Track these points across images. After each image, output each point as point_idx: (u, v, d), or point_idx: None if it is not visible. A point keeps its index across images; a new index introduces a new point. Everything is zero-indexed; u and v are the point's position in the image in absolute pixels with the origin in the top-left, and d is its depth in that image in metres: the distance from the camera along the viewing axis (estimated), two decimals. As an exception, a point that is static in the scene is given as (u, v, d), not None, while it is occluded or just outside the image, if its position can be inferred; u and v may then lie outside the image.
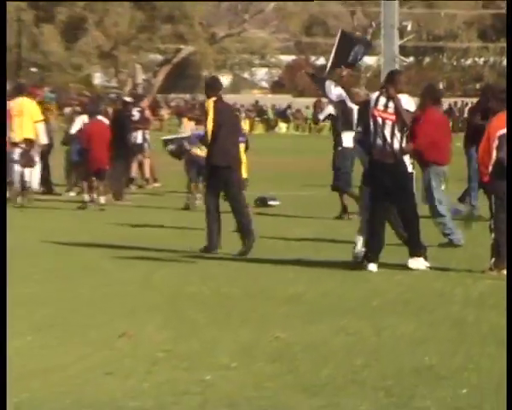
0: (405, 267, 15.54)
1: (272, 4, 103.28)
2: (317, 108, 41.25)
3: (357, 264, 15.78)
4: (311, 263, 15.98)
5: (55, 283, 14.12)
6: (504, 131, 14.82)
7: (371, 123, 15.02)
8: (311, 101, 65.90)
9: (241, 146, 24.67)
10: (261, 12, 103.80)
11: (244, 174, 23.54)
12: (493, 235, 15.24)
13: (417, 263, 15.28)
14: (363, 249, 16.02)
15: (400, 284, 14.36)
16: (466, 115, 25.21)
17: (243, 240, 17.63)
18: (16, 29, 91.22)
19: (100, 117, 31.06)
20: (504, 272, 14.76)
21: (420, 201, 18.99)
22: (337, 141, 24.77)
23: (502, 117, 15.22)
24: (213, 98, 18.62)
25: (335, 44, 23.34)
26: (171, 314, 11.73)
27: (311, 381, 8.60)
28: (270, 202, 25.17)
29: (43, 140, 28.00)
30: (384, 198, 15.38)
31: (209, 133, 18.15)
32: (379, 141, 14.91)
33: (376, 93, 15.47)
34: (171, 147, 30.69)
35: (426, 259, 15.76)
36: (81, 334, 10.48)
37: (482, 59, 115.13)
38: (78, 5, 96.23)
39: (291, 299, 12.85)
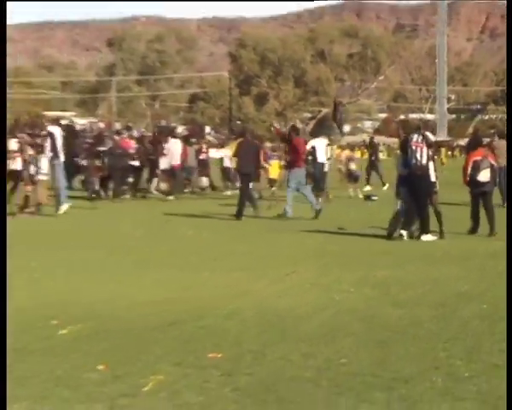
0: (451, 235, 15.01)
1: (375, 84, 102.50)
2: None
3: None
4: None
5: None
6: (477, 158, 15.40)
7: (409, 150, 14.65)
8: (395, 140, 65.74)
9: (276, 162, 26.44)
10: (367, 89, 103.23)
11: (274, 175, 25.67)
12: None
13: (428, 237, 14.56)
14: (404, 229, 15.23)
15: (449, 244, 13.99)
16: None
17: (254, 209, 19.31)
18: (228, 99, 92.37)
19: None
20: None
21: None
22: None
23: (479, 150, 15.93)
24: (240, 139, 21.05)
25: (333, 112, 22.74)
26: (316, 262, 11.61)
27: (398, 299, 8.64)
28: (373, 198, 24.79)
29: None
30: (416, 194, 14.94)
31: (233, 157, 20.55)
32: (414, 160, 14.55)
33: (413, 134, 15.13)
34: None
35: (431, 233, 14.95)
36: (262, 273, 10.54)
37: (495, 115, 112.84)
38: (263, 85, 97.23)
39: (385, 252, 12.73)
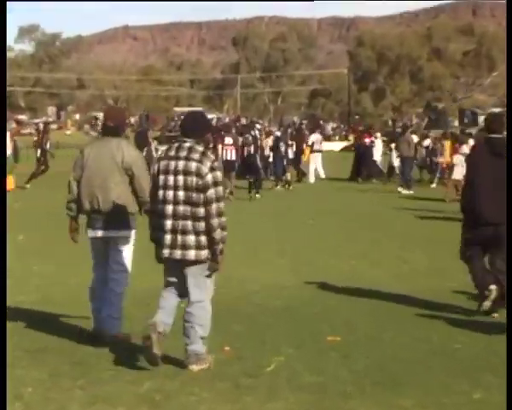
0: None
1: (489, 80, 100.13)
2: None
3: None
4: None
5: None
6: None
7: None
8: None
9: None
10: (481, 85, 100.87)
11: None
12: None
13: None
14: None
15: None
16: None
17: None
18: (347, 94, 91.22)
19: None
20: None
21: None
22: None
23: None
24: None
25: None
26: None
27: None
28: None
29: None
30: None
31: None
32: None
33: None
34: None
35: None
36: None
37: None
38: (380, 81, 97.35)
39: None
